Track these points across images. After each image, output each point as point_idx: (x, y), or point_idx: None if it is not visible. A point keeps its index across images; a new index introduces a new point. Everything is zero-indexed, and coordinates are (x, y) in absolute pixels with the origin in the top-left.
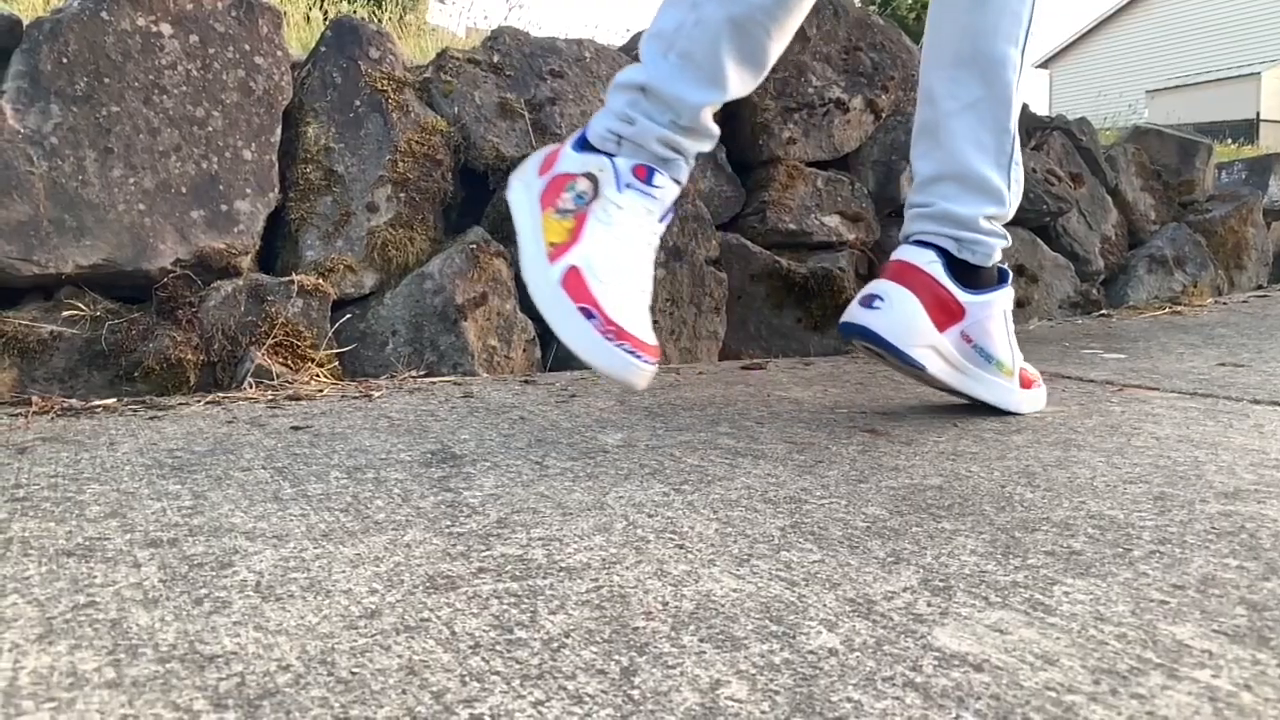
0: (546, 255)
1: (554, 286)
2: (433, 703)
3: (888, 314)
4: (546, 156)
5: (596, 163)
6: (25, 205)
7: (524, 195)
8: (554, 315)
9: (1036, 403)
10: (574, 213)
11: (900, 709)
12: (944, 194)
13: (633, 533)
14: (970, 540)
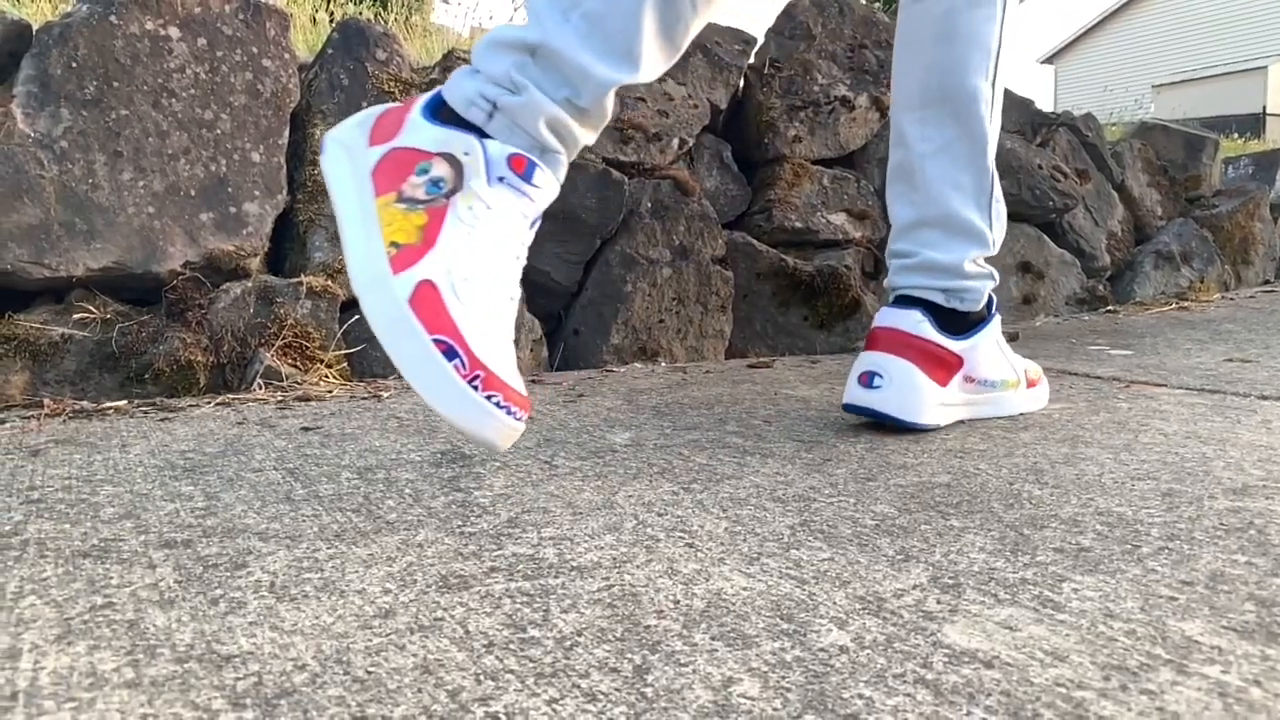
0: (387, 259)
1: (399, 306)
2: (448, 701)
3: (889, 390)
4: (381, 117)
5: (462, 142)
6: (36, 209)
7: (347, 168)
8: (399, 346)
9: (1039, 400)
10: (426, 205)
11: (911, 705)
12: (926, 241)
13: (643, 531)
14: (979, 538)
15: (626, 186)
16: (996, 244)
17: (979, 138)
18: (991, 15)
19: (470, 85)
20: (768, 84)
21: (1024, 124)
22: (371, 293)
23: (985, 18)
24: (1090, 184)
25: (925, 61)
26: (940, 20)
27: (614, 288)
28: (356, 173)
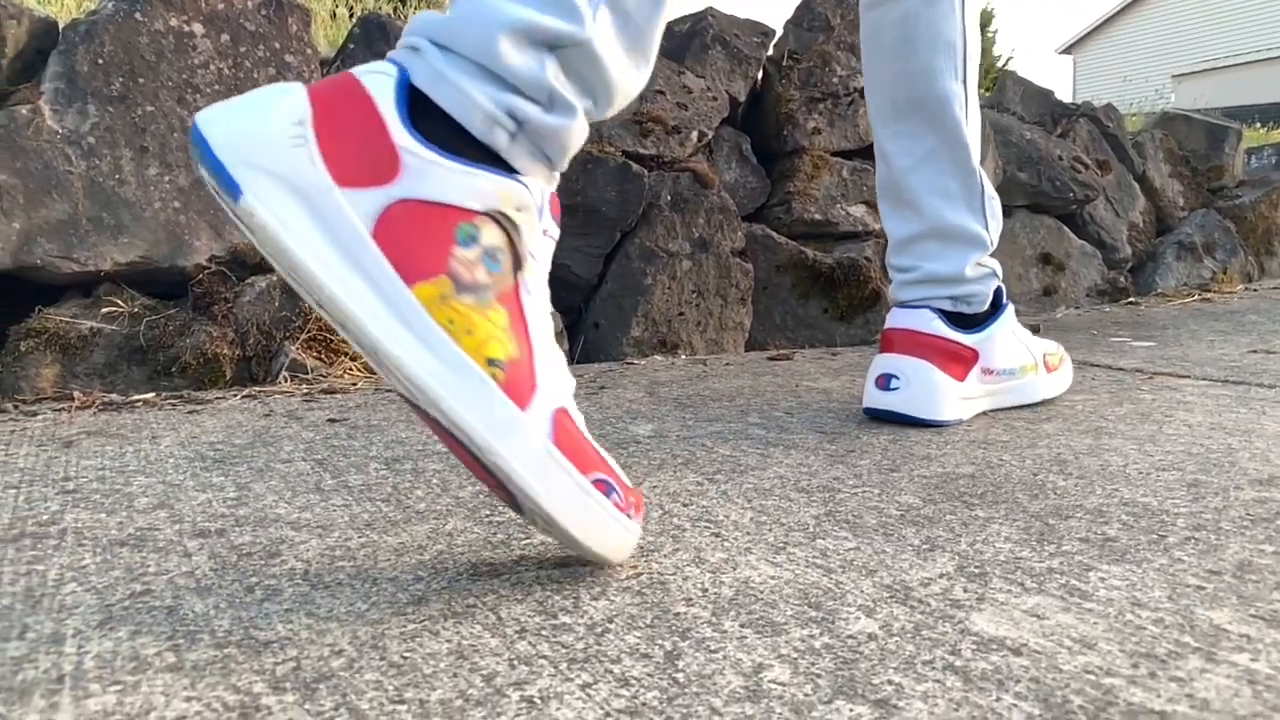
0: (499, 390)
1: (545, 452)
2: (484, 685)
3: (908, 391)
4: (321, 123)
5: (511, 192)
6: (64, 204)
7: (310, 227)
8: (552, 496)
9: (1062, 384)
10: (496, 291)
11: (941, 691)
12: (924, 254)
13: (669, 521)
14: (1004, 528)
15: (646, 179)
16: (994, 241)
17: (959, 142)
18: (950, 10)
19: (487, 94)
20: (786, 76)
21: (1044, 115)
22: (502, 442)
23: (944, 14)
24: (1111, 175)
25: (892, 72)
26: (898, 25)
27: (634, 280)
28: (338, 237)
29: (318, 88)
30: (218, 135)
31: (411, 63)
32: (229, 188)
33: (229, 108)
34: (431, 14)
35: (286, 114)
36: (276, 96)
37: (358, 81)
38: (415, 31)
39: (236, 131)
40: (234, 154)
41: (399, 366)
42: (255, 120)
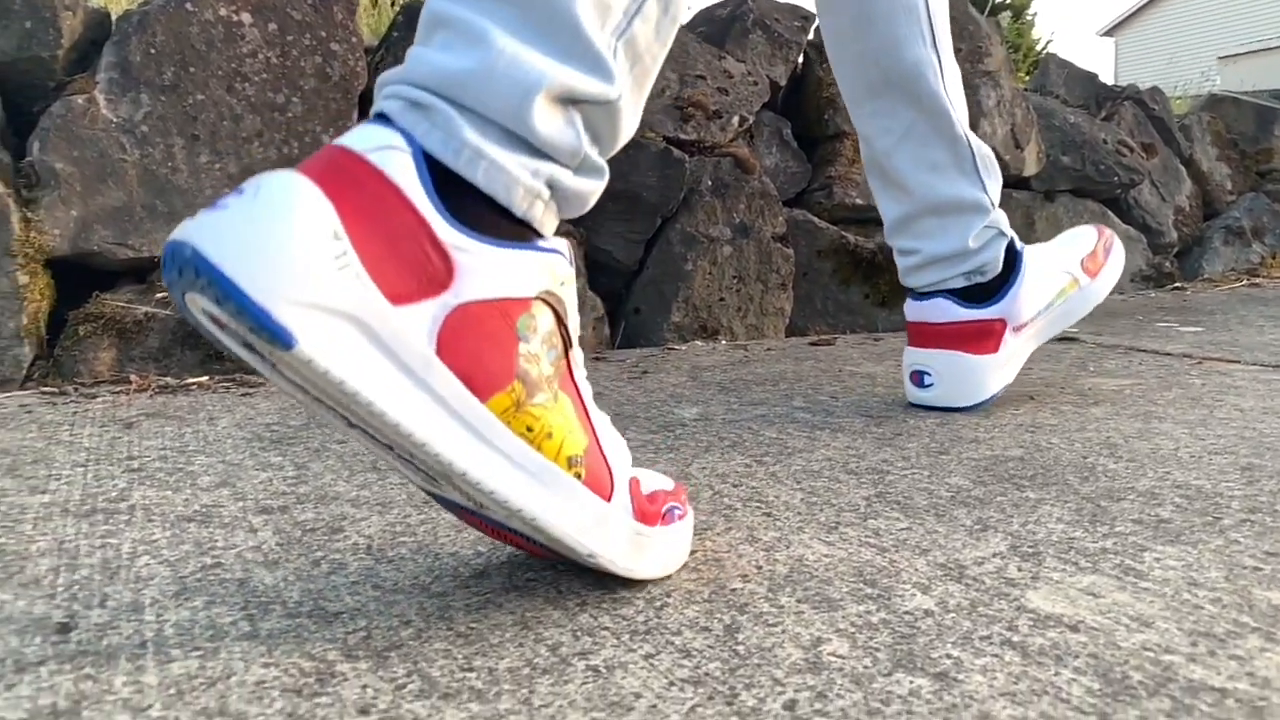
0: (584, 488)
1: (633, 533)
2: (549, 654)
3: (943, 387)
4: (356, 226)
5: (554, 267)
6: (119, 191)
7: (374, 361)
8: (645, 568)
9: (1116, 269)
10: (556, 379)
11: (1000, 666)
12: (923, 234)
13: (719, 501)
14: (1056, 509)
15: (687, 165)
16: (996, 200)
17: (940, 111)
18: None
19: (526, 165)
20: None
21: (1088, 98)
22: (595, 540)
23: None
24: (1157, 158)
25: (856, 51)
26: (851, 2)
27: (675, 266)
28: (405, 366)
29: (329, 180)
30: (237, 264)
31: (425, 130)
32: (275, 335)
33: (233, 220)
34: (430, 60)
35: (319, 226)
36: (291, 199)
37: (373, 167)
38: (415, 82)
39: (262, 256)
40: (269, 290)
41: (490, 492)
42: (282, 237)
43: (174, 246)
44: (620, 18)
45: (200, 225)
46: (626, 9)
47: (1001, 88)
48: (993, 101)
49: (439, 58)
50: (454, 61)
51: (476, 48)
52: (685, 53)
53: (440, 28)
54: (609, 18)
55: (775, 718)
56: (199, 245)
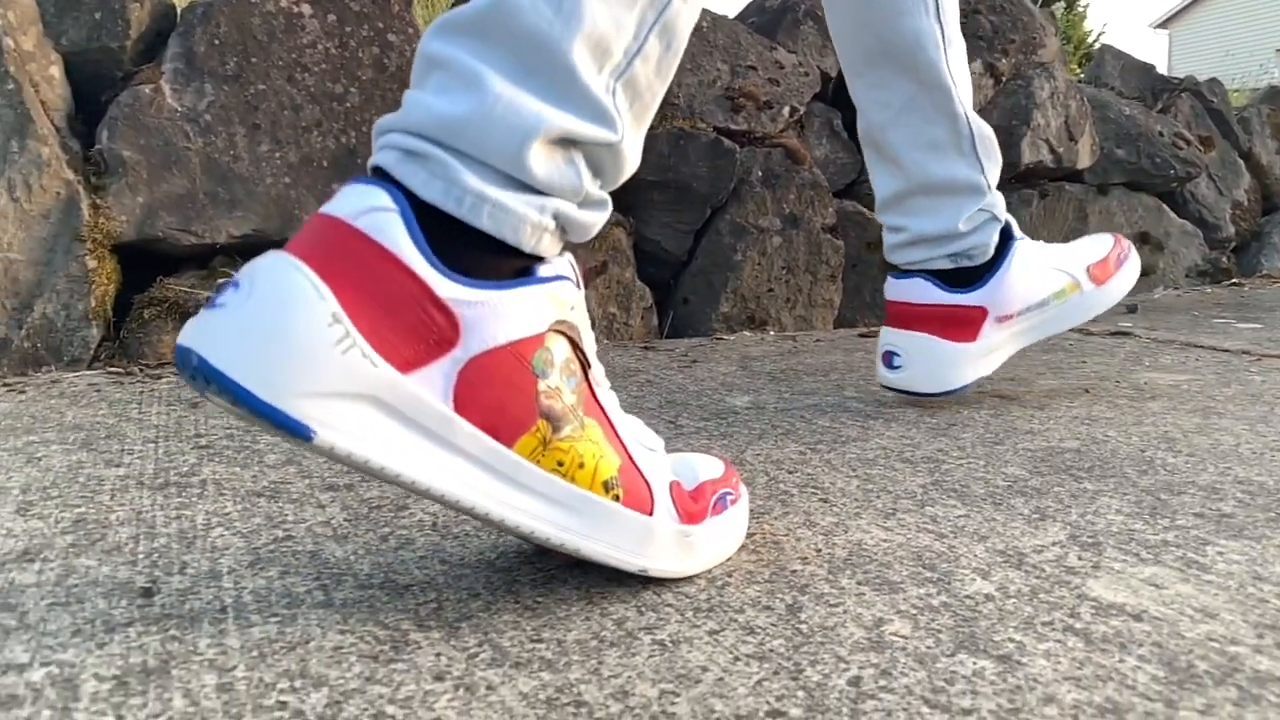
0: (625, 509)
1: (678, 539)
2: (615, 628)
3: (911, 369)
4: (352, 298)
5: (562, 295)
6: (183, 179)
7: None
8: (692, 566)
9: (1128, 279)
10: (580, 406)
11: (1063, 651)
12: (913, 212)
13: (775, 487)
14: (1114, 501)
15: (737, 155)
16: (993, 183)
17: (939, 85)
18: None
19: (531, 204)
20: None
21: (1144, 90)
22: (643, 556)
23: None
24: (1215, 152)
25: (855, 19)
26: None
27: (724, 256)
28: (425, 430)
29: (320, 257)
30: (243, 368)
31: (424, 180)
32: (293, 430)
33: (233, 322)
34: (426, 105)
35: (316, 313)
36: (285, 289)
37: (362, 234)
38: (412, 129)
39: (266, 356)
40: (278, 388)
41: (531, 533)
42: (282, 334)
43: (182, 353)
44: (620, 59)
45: (203, 330)
46: (627, 49)
47: (1055, 79)
48: (1046, 93)
49: (435, 103)
50: (451, 107)
51: (473, 92)
52: (736, 43)
53: (436, 69)
54: (607, 61)
55: (840, 693)
56: (204, 353)
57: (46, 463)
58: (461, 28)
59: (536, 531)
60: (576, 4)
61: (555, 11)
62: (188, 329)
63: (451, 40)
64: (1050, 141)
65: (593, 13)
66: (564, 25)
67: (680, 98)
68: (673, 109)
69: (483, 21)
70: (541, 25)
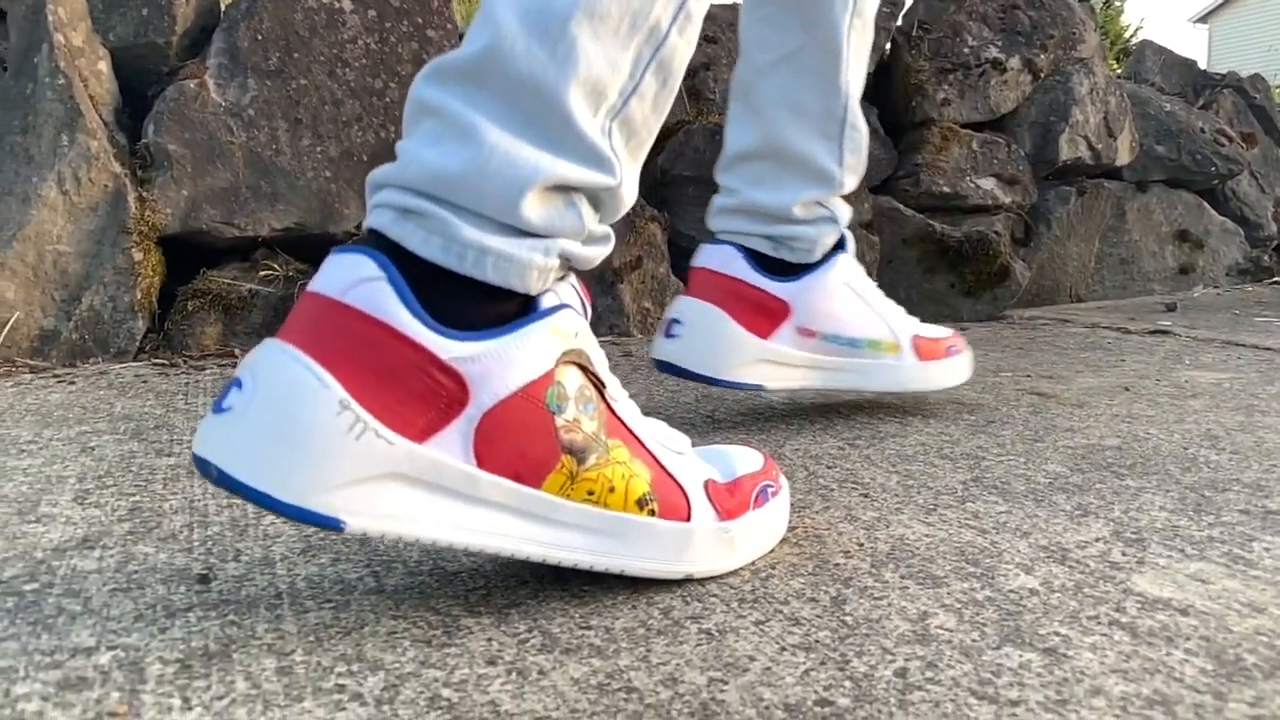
0: (662, 522)
1: (719, 535)
2: (661, 617)
3: (689, 340)
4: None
5: (562, 323)
6: (227, 173)
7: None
8: (733, 563)
9: (952, 374)
10: (601, 430)
11: (1110, 644)
12: (753, 176)
13: (815, 481)
14: (1158, 497)
15: None
16: (847, 184)
17: (832, 48)
18: None
19: (536, 247)
20: (916, 46)
21: (1185, 86)
22: (686, 562)
23: None
24: (1257, 148)
25: None
26: None
27: None
28: (451, 491)
29: (316, 341)
30: (261, 475)
31: (422, 239)
32: (323, 525)
33: (244, 429)
34: (421, 160)
35: (323, 406)
36: (288, 387)
37: (355, 310)
38: (407, 185)
39: (281, 462)
40: (301, 489)
41: (574, 565)
42: (291, 432)
43: (200, 463)
44: (615, 100)
45: (216, 439)
46: (622, 90)
47: (1094, 75)
48: (1085, 89)
49: (430, 156)
50: (445, 160)
51: (467, 144)
52: None
53: (428, 116)
54: (603, 102)
55: (888, 684)
56: (222, 465)
57: (100, 452)
58: (455, 74)
59: (579, 563)
60: (572, 48)
61: (550, 56)
62: (201, 437)
63: (444, 86)
64: (1089, 138)
65: (588, 56)
66: (559, 70)
67: (716, 92)
68: (709, 104)
69: (476, 67)
70: (536, 71)
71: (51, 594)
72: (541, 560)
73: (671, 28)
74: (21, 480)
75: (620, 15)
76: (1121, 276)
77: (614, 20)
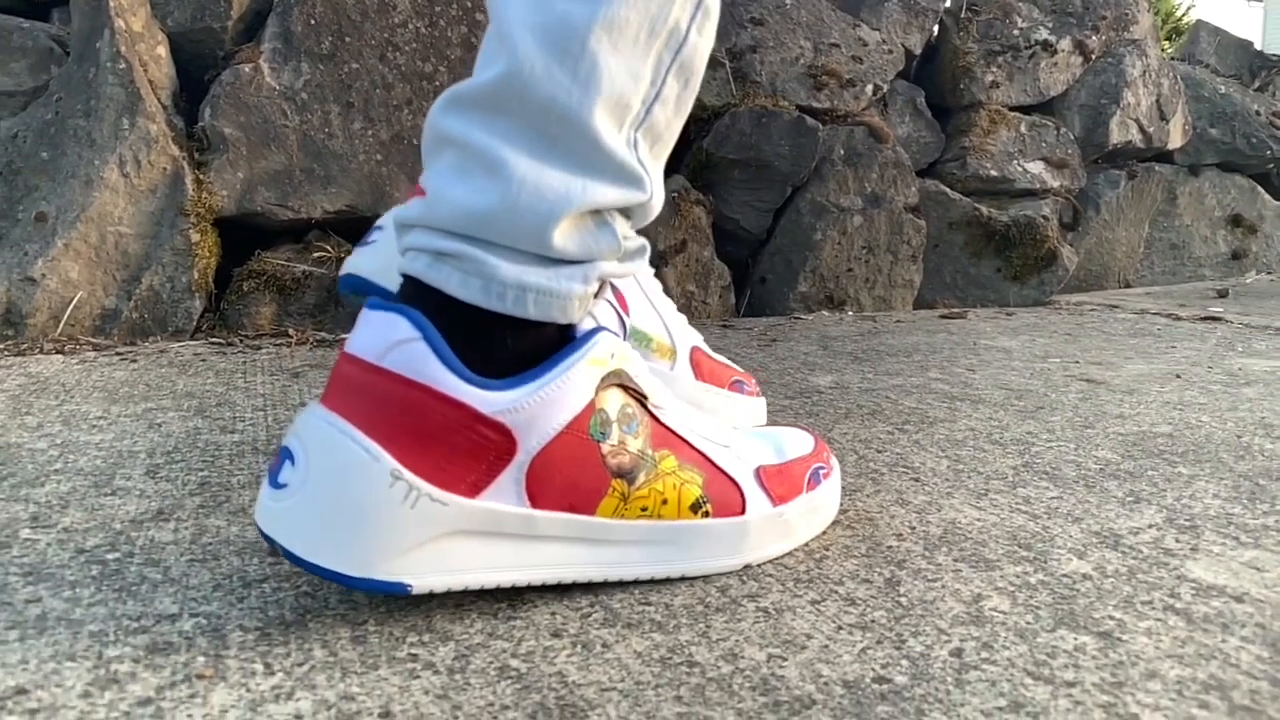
0: (719, 522)
1: (776, 520)
2: (719, 595)
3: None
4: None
5: (600, 349)
6: (281, 156)
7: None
8: (792, 544)
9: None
10: (649, 445)
11: (1164, 630)
12: None
13: (865, 465)
14: (1211, 485)
15: (820, 134)
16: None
17: None
18: None
19: (570, 276)
20: (964, 28)
21: (1241, 68)
22: (747, 551)
23: None
24: None
25: None
26: None
27: (803, 236)
28: (513, 534)
29: (360, 410)
30: (325, 553)
31: (459, 281)
32: (390, 592)
33: (301, 510)
34: (450, 199)
35: (373, 475)
36: (337, 455)
37: (393, 374)
38: (439, 226)
39: (343, 537)
40: (365, 562)
41: (636, 578)
42: (348, 509)
43: (266, 538)
44: (639, 109)
45: (276, 517)
46: (645, 98)
47: (1148, 56)
48: (1138, 71)
49: (458, 194)
50: (474, 199)
51: (495, 178)
52: (820, 20)
53: (449, 147)
54: (626, 115)
55: (944, 663)
56: (287, 545)
57: (166, 429)
58: (474, 102)
59: (640, 576)
60: (594, 66)
61: (572, 78)
62: (262, 511)
63: (465, 116)
64: (1140, 121)
65: (610, 71)
66: (583, 92)
67: (763, 75)
68: (755, 87)
69: (496, 95)
70: (559, 95)
71: (133, 563)
72: (603, 581)
73: (691, 27)
74: (95, 454)
75: (639, 23)
76: (1171, 262)
77: (633, 29)
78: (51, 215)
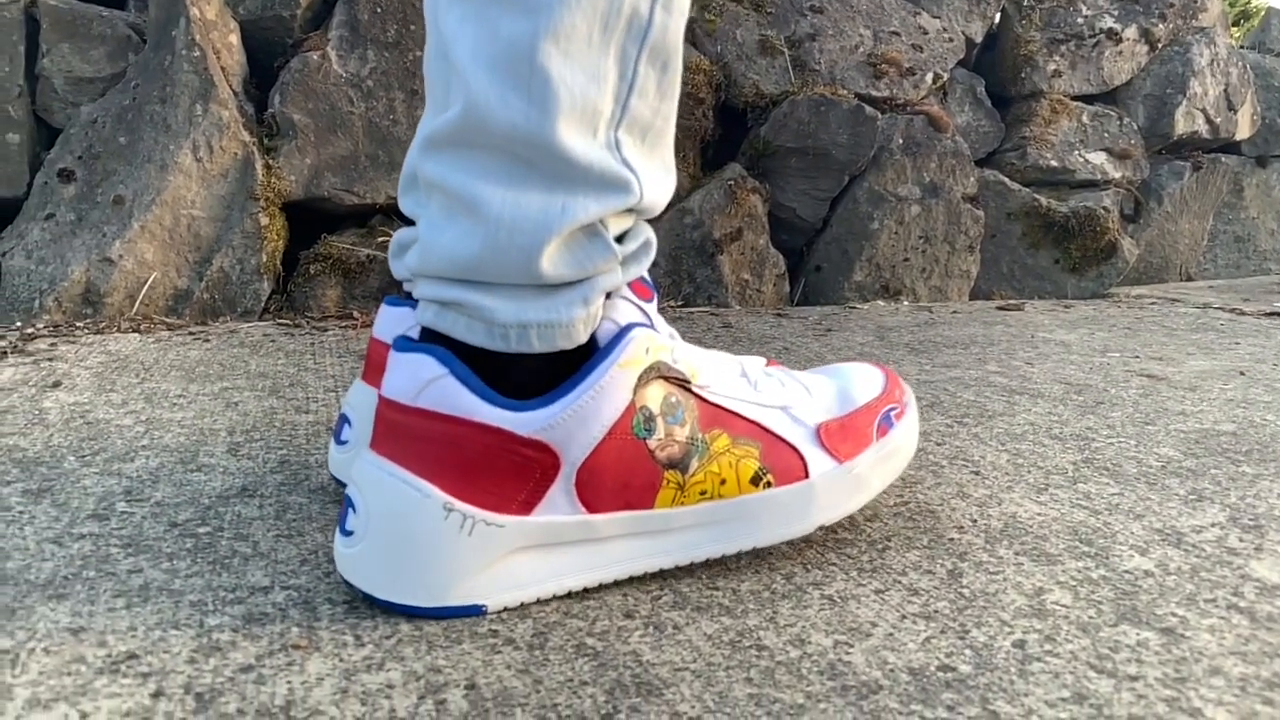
0: (781, 490)
1: (846, 476)
2: (785, 582)
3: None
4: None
5: (632, 352)
6: (347, 141)
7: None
8: (866, 497)
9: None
10: (698, 430)
11: (1228, 628)
12: None
13: (925, 458)
14: (1276, 485)
15: (878, 122)
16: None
17: None
18: None
19: (570, 300)
20: (1027, 16)
21: None
22: (817, 514)
23: None
24: None
25: None
26: None
27: (860, 225)
28: (573, 542)
29: (404, 452)
30: (400, 591)
31: (464, 327)
32: (465, 615)
33: (367, 553)
34: (438, 248)
35: (428, 512)
36: (391, 499)
37: (428, 412)
38: (435, 274)
39: (411, 575)
40: (437, 592)
41: (705, 559)
42: (410, 548)
43: (347, 583)
44: (612, 109)
45: (350, 563)
46: (617, 95)
47: (1216, 45)
48: (1205, 60)
49: (445, 241)
50: (459, 245)
51: (476, 219)
52: (880, 8)
53: (435, 192)
54: (599, 120)
55: (1007, 654)
56: (365, 588)
57: (243, 408)
58: (444, 142)
59: (710, 556)
60: (546, 83)
61: (528, 101)
62: (339, 560)
63: (439, 156)
64: (1207, 111)
65: (566, 84)
66: (541, 112)
67: (821, 64)
68: (814, 75)
69: (461, 132)
70: (518, 120)
71: (223, 537)
72: (674, 568)
73: (654, 9)
74: (178, 431)
75: (588, 23)
76: (1236, 255)
77: (582, 31)
78: (128, 198)
